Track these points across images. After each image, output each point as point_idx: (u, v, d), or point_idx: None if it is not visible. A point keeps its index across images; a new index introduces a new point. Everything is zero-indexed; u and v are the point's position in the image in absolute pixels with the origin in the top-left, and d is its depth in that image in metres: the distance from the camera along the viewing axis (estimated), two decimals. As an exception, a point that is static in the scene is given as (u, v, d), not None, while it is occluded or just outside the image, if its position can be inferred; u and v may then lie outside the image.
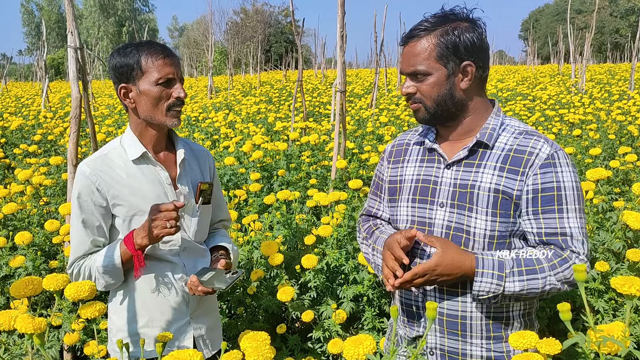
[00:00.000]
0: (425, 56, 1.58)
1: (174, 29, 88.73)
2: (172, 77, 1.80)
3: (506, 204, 1.56)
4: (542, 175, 1.54)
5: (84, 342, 2.82)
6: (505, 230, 1.58)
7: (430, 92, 1.60)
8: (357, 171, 5.28)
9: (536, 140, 1.58)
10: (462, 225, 1.61)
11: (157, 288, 1.90)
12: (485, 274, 1.50)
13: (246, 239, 3.43)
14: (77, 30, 3.33)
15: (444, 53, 1.56)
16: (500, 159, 1.59)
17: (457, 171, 1.64)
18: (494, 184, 1.57)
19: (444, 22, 1.58)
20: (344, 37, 4.81)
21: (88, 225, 1.83)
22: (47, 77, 12.39)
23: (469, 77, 1.59)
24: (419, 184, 1.72)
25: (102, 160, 1.85)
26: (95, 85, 24.62)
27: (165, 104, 1.81)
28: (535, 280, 1.49)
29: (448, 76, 1.58)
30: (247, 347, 1.29)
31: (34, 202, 4.17)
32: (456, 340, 1.65)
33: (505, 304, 1.61)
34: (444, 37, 1.56)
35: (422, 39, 1.58)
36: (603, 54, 49.16)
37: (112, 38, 65.79)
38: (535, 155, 1.55)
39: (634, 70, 12.51)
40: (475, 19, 1.60)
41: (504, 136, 1.62)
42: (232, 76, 21.61)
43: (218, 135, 7.85)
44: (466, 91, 1.61)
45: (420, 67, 1.58)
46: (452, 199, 1.63)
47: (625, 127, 7.10)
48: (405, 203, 1.74)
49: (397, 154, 1.84)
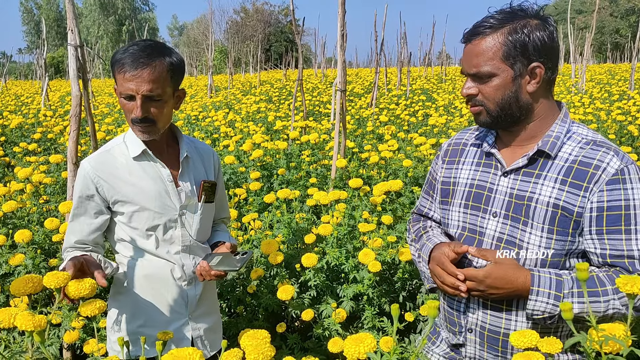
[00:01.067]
0: (490, 56, 1.45)
1: (174, 28, 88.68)
2: (131, 94, 1.71)
3: (565, 221, 1.45)
4: (608, 193, 1.41)
5: (84, 341, 2.82)
6: (561, 249, 1.46)
7: (494, 95, 1.48)
8: (357, 170, 5.28)
9: (604, 152, 1.44)
10: (515, 239, 1.51)
11: (157, 288, 1.90)
12: (541, 293, 1.39)
13: (246, 238, 3.43)
14: (77, 28, 3.32)
15: (511, 53, 1.44)
16: (563, 171, 1.47)
17: (515, 180, 1.53)
18: (553, 198, 1.46)
19: (512, 19, 1.45)
20: (344, 36, 4.80)
21: (80, 221, 1.85)
22: (47, 76, 12.37)
23: (536, 80, 1.47)
24: (473, 189, 1.62)
25: (104, 158, 1.85)
26: (95, 83, 24.61)
27: (129, 117, 1.77)
28: (597, 303, 1.37)
29: (514, 78, 1.46)
30: (247, 345, 1.29)
31: (34, 200, 4.17)
32: (496, 355, 1.58)
33: (555, 325, 1.49)
34: (512, 36, 1.43)
35: (488, 37, 1.46)
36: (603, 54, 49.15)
37: (112, 37, 65.76)
38: (602, 169, 1.42)
39: (634, 70, 12.51)
40: (546, 16, 1.48)
41: (568, 145, 1.50)
42: (232, 75, 21.60)
43: (218, 134, 7.85)
44: (533, 95, 1.49)
45: (485, 67, 1.46)
46: (507, 209, 1.53)
47: (626, 127, 7.11)
48: (457, 208, 1.65)
49: (452, 154, 1.74)
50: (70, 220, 1.87)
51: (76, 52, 3.32)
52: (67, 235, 1.88)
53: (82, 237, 1.85)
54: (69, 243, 1.87)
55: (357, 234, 3.29)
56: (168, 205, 1.87)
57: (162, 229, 1.88)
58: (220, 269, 1.82)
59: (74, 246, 1.86)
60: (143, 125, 1.77)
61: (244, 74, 31.27)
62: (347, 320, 2.96)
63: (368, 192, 3.94)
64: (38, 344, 1.24)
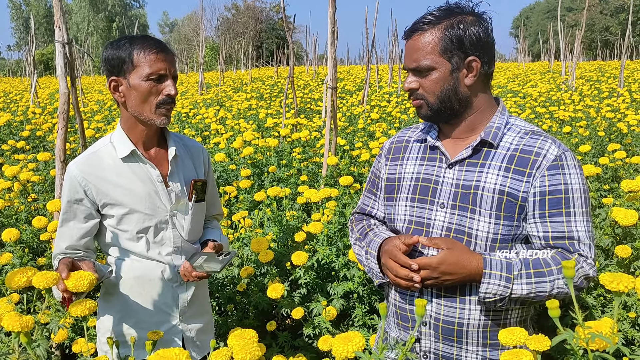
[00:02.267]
0: (428, 50, 1.51)
1: (165, 25, 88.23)
2: (164, 73, 1.75)
3: (511, 206, 1.51)
4: (549, 178, 1.49)
5: (73, 340, 2.80)
6: (508, 234, 1.53)
7: (433, 88, 1.54)
8: (348, 168, 5.28)
9: (543, 140, 1.52)
10: (464, 227, 1.55)
11: (147, 289, 1.88)
12: (494, 275, 1.44)
13: (236, 236, 3.42)
14: (64, 25, 3.29)
15: (448, 47, 1.50)
16: (506, 159, 1.53)
17: (460, 171, 1.58)
18: (498, 185, 1.52)
19: (449, 16, 1.52)
20: (335, 34, 4.79)
21: (69, 226, 1.82)
22: (36, 73, 12.26)
23: (473, 73, 1.53)
24: (419, 182, 1.65)
25: (91, 160, 1.82)
26: (85, 81, 24.44)
27: (155, 100, 1.76)
28: (543, 283, 1.44)
29: (452, 71, 1.52)
30: (234, 345, 1.28)
31: (22, 198, 4.13)
32: (451, 346, 1.61)
33: (504, 309, 1.56)
34: (449, 31, 1.50)
35: (426, 33, 1.52)
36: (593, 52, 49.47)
37: (102, 34, 65.28)
38: (542, 156, 1.50)
39: (623, 67, 12.58)
40: (481, 12, 1.54)
41: (509, 135, 1.57)
42: (223, 72, 21.52)
43: (209, 132, 7.82)
44: (471, 87, 1.55)
45: (424, 61, 1.52)
46: (454, 199, 1.57)
47: (615, 124, 7.15)
48: (403, 202, 1.68)
49: (395, 151, 1.78)
50: (60, 225, 1.83)
51: (64, 49, 3.29)
52: (56, 242, 1.85)
53: (72, 242, 1.82)
54: (59, 249, 1.83)
55: (347, 231, 3.29)
56: (158, 206, 1.85)
57: (152, 231, 1.85)
58: (203, 270, 1.81)
59: (65, 252, 1.82)
60: (171, 106, 1.81)
61: (235, 71, 31.16)
62: (338, 318, 2.96)
63: (359, 189, 3.94)
64: (25, 344, 1.23)
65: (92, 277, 1.50)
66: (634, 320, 2.53)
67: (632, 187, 2.98)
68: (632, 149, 6.06)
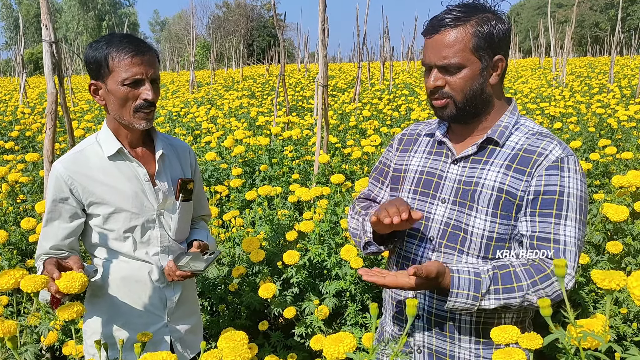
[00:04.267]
0: (460, 47, 1.45)
1: (155, 23, 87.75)
2: (140, 77, 1.71)
3: (508, 204, 1.49)
4: (546, 177, 1.46)
5: (63, 342, 2.78)
6: (505, 233, 1.51)
7: (462, 86, 1.49)
8: (340, 166, 5.27)
9: (549, 142, 1.50)
10: (461, 223, 1.54)
11: (134, 290, 1.86)
12: (460, 295, 1.42)
13: (228, 235, 3.40)
14: (51, 24, 3.25)
15: (481, 45, 1.45)
16: (509, 158, 1.51)
17: (464, 167, 1.57)
18: (498, 183, 1.50)
19: (476, 12, 1.47)
20: (326, 31, 4.78)
21: (54, 225, 1.79)
22: (25, 72, 12.16)
23: (498, 72, 1.51)
24: (423, 175, 1.65)
25: (76, 159, 1.79)
26: (75, 80, 24.25)
27: (132, 105, 1.73)
28: (512, 299, 1.42)
29: (482, 70, 1.48)
30: (224, 347, 1.26)
31: (10, 200, 4.09)
32: (444, 340, 1.61)
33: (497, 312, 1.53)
34: (482, 27, 1.45)
35: (457, 29, 1.45)
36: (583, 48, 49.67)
37: (92, 32, 64.80)
38: (544, 156, 1.47)
39: (613, 63, 12.65)
40: (501, 11, 1.51)
41: (516, 135, 1.55)
42: (215, 70, 21.44)
43: (200, 131, 7.77)
44: (494, 87, 1.53)
45: (454, 58, 1.46)
46: (455, 195, 1.56)
47: (605, 119, 7.18)
48: (406, 194, 1.67)
49: (406, 143, 1.77)
50: (44, 225, 1.80)
51: (51, 49, 3.25)
52: (40, 242, 1.81)
53: (56, 242, 1.79)
54: (43, 250, 1.80)
55: (339, 230, 3.28)
56: (145, 205, 1.83)
57: (139, 230, 1.83)
58: (187, 269, 1.79)
59: (49, 252, 1.79)
60: (151, 109, 1.77)
61: (226, 69, 31.06)
62: (330, 317, 2.95)
63: (350, 187, 3.93)
64: (11, 350, 1.20)
65: (84, 279, 1.47)
66: (625, 315, 2.53)
67: (622, 183, 2.99)
68: (623, 145, 6.09)
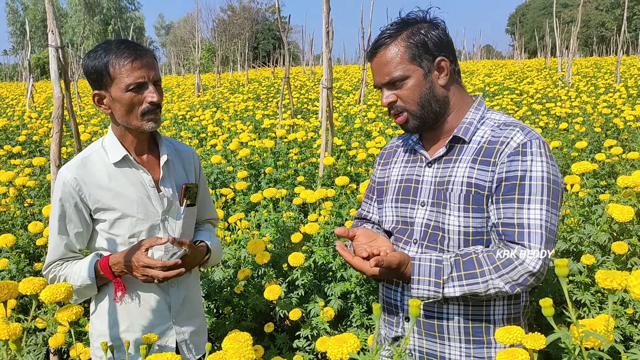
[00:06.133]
0: (398, 61, 1.55)
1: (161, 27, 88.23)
2: (143, 81, 1.72)
3: (479, 198, 1.52)
4: (508, 164, 1.48)
5: (70, 345, 2.80)
6: (480, 226, 1.53)
7: (412, 96, 1.56)
8: (345, 168, 5.27)
9: (511, 130, 1.53)
10: (439, 223, 1.58)
11: (139, 293, 1.87)
12: (422, 282, 1.47)
13: (233, 238, 3.41)
14: (57, 29, 3.27)
15: (415, 53, 1.54)
16: (474, 152, 1.55)
17: (437, 169, 1.62)
18: (466, 178, 1.53)
19: (407, 26, 1.57)
20: (330, 34, 4.79)
21: (65, 231, 1.80)
22: (32, 77, 12.24)
23: (445, 72, 1.57)
24: (402, 183, 1.71)
25: (83, 165, 1.80)
26: (81, 84, 24.35)
27: (139, 109, 1.75)
28: (476, 285, 1.44)
29: (425, 75, 1.55)
30: (228, 349, 1.27)
31: (18, 204, 4.12)
32: (434, 342, 1.62)
33: (484, 304, 1.56)
34: (412, 38, 1.54)
35: (390, 46, 1.56)
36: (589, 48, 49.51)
37: (97, 37, 65.15)
38: (506, 144, 1.50)
39: (619, 63, 12.60)
40: (433, 18, 1.59)
41: (482, 130, 1.58)
42: (220, 74, 21.52)
43: (205, 134, 7.80)
44: (445, 87, 1.59)
45: (396, 72, 1.55)
46: (432, 197, 1.61)
47: (611, 120, 7.15)
48: (390, 203, 1.73)
49: (387, 156, 1.84)
50: (57, 232, 1.80)
51: (57, 53, 3.27)
52: (52, 250, 1.82)
53: (70, 248, 1.81)
54: (56, 256, 1.81)
55: (344, 232, 3.28)
56: (150, 211, 1.84)
57: (144, 236, 1.84)
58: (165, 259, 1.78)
59: (64, 258, 1.82)
60: (158, 111, 1.79)
61: (231, 72, 31.14)
62: (336, 319, 2.96)
63: (355, 189, 3.94)
64: (15, 352, 1.22)
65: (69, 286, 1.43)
66: (631, 316, 2.52)
67: (628, 183, 2.98)
68: (629, 145, 6.06)
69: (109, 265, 1.77)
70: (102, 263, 1.77)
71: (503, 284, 1.43)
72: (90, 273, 1.77)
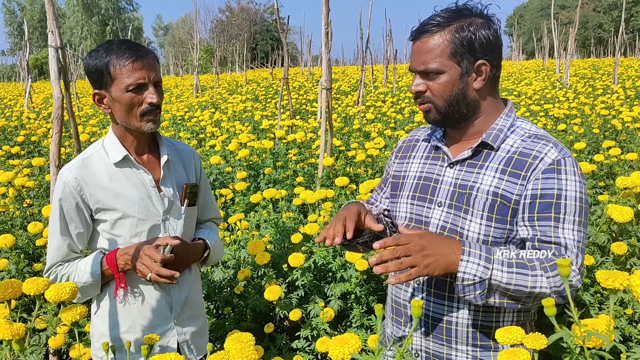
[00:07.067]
0: (438, 53, 1.48)
1: (159, 28, 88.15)
2: (143, 82, 1.72)
3: (503, 208, 1.48)
4: (543, 181, 1.44)
5: (70, 345, 2.80)
6: (500, 237, 1.50)
7: (442, 91, 1.51)
8: (344, 168, 5.28)
9: (544, 144, 1.48)
10: (457, 226, 1.54)
11: (140, 293, 1.87)
12: (473, 254, 1.36)
13: (233, 238, 3.41)
14: (57, 29, 3.28)
15: (458, 50, 1.47)
16: (504, 162, 1.51)
17: (460, 171, 1.58)
18: (493, 187, 1.49)
19: (459, 17, 1.48)
20: (329, 35, 4.80)
21: (67, 232, 1.79)
22: (30, 78, 12.22)
23: (482, 77, 1.51)
24: (420, 181, 1.66)
25: (84, 165, 1.80)
26: (80, 85, 24.35)
27: (138, 110, 1.75)
28: (524, 276, 1.36)
29: (461, 75, 1.50)
30: (231, 349, 1.27)
31: (17, 204, 4.12)
32: (441, 344, 1.60)
33: (495, 310, 1.53)
34: (459, 33, 1.46)
35: (435, 35, 1.48)
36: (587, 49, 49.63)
37: (96, 37, 65.08)
38: (539, 159, 1.46)
39: (617, 64, 12.62)
40: (490, 15, 1.51)
41: (511, 138, 1.54)
42: (218, 74, 21.52)
43: (204, 134, 7.80)
44: (479, 91, 1.53)
45: (433, 64, 1.49)
46: (451, 199, 1.56)
47: (609, 121, 7.16)
48: (405, 199, 1.68)
49: (405, 150, 1.79)
50: (59, 233, 1.79)
51: (57, 54, 3.27)
52: (54, 251, 1.81)
53: (72, 249, 1.81)
54: (58, 257, 1.81)
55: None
56: (151, 211, 1.84)
57: (145, 236, 1.84)
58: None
59: (66, 259, 1.81)
60: (157, 112, 1.79)
61: (230, 73, 31.15)
62: (335, 319, 2.96)
63: (354, 190, 3.94)
64: (18, 352, 1.22)
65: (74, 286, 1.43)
66: (630, 317, 2.53)
67: (627, 184, 2.99)
68: (627, 146, 6.07)
69: (115, 257, 1.76)
70: (109, 256, 1.77)
71: (548, 286, 1.37)
72: (95, 269, 1.76)
